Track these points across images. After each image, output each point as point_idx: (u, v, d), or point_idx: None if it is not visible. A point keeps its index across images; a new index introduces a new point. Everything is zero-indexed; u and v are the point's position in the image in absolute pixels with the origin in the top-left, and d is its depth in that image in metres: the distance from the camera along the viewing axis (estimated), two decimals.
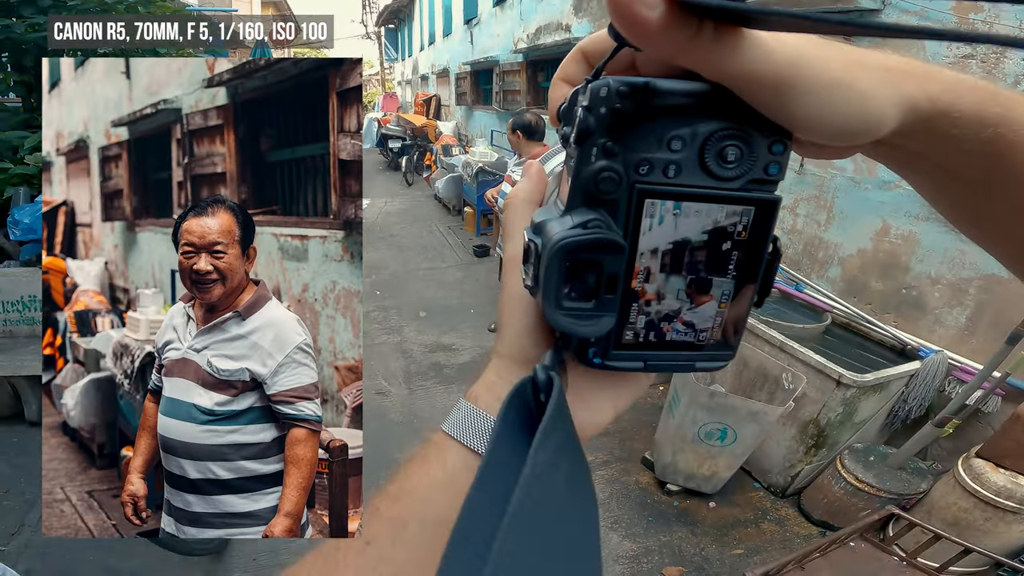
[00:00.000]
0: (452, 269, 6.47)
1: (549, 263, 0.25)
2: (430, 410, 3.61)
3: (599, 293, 0.26)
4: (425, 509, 0.31)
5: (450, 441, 0.32)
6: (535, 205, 0.35)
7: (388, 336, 4.69)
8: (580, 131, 0.25)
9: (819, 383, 2.54)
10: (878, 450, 2.68)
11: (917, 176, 0.30)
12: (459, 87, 13.14)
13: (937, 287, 2.84)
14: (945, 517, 2.27)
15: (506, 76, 9.76)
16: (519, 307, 0.33)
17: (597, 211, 0.25)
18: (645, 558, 2.49)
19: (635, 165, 0.25)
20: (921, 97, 0.23)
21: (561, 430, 0.24)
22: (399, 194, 10.64)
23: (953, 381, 2.66)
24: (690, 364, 0.30)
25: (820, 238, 3.45)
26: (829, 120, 0.23)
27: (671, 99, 0.24)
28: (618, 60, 0.28)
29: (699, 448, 2.62)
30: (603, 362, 0.28)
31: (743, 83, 0.22)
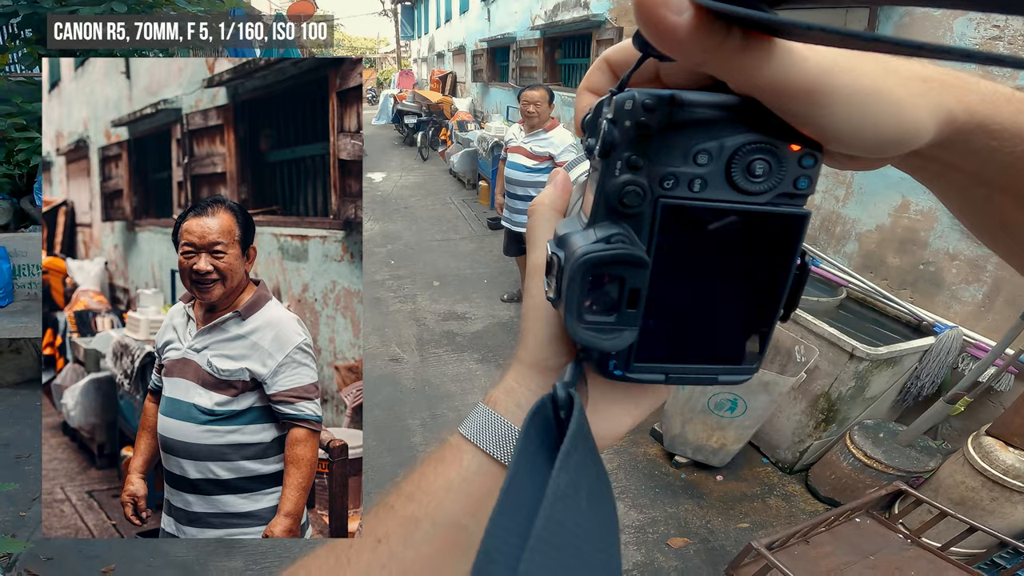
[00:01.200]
0: (465, 241, 6.48)
1: (571, 277, 0.25)
2: (441, 377, 3.67)
3: (621, 307, 0.26)
4: (438, 510, 0.31)
5: (467, 444, 0.33)
6: (559, 213, 0.35)
7: (402, 304, 4.75)
8: (605, 144, 0.25)
9: (832, 356, 2.53)
10: (888, 427, 2.67)
11: (948, 187, 0.29)
12: (475, 64, 13.03)
13: (955, 263, 2.79)
14: (952, 496, 2.26)
15: (523, 53, 9.67)
16: (542, 316, 0.33)
17: (620, 225, 0.25)
18: (651, 528, 2.52)
19: (660, 179, 0.25)
20: (958, 108, 0.23)
21: (582, 448, 0.24)
22: (414, 168, 10.64)
23: (967, 358, 2.62)
24: (712, 378, 0.29)
25: (838, 213, 3.40)
26: (863, 131, 0.22)
27: (697, 112, 0.24)
28: (643, 72, 0.27)
29: (708, 419, 2.62)
30: (624, 374, 0.28)
31: (773, 93, 0.22)
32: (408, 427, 3.15)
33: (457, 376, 3.68)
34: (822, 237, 3.51)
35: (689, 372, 0.29)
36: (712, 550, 2.41)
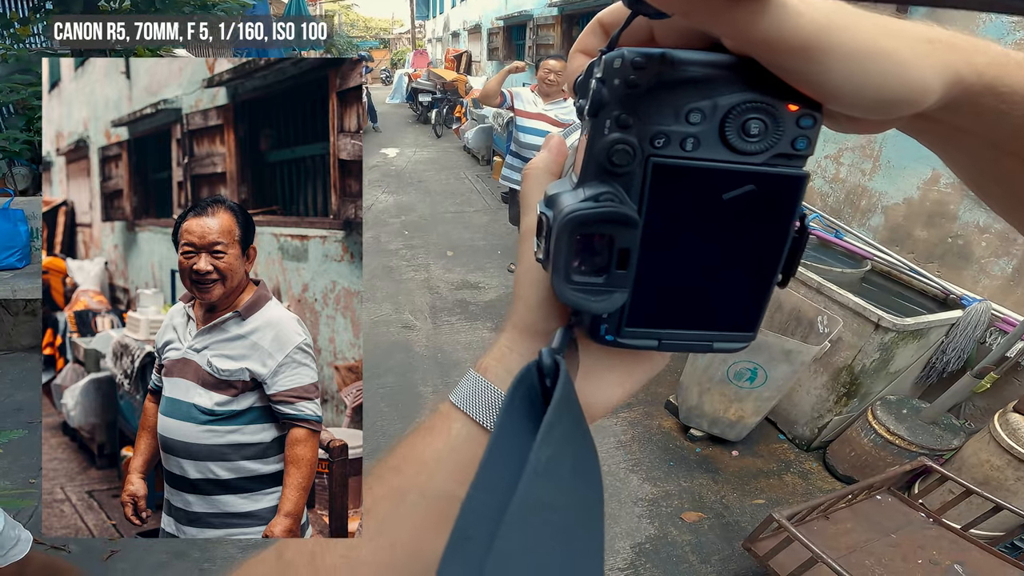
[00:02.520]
0: (479, 213, 6.50)
1: (559, 236, 0.24)
2: (453, 344, 3.69)
3: (610, 268, 0.25)
4: (427, 480, 0.31)
5: (456, 412, 0.32)
6: (553, 176, 0.34)
7: (415, 273, 4.79)
8: (594, 103, 0.24)
9: (856, 326, 2.46)
10: (911, 403, 2.61)
11: (955, 151, 0.28)
12: (491, 43, 12.94)
13: (985, 236, 2.69)
14: (976, 475, 2.21)
15: (540, 30, 9.57)
16: (533, 280, 0.32)
17: (610, 184, 0.25)
18: (664, 502, 2.50)
19: (650, 138, 0.24)
20: (967, 70, 0.22)
21: (567, 419, 0.23)
22: (428, 145, 10.63)
23: (995, 332, 2.54)
24: (707, 344, 0.28)
25: (864, 186, 3.30)
26: (863, 90, 0.21)
27: (690, 70, 0.23)
28: (637, 33, 0.27)
29: (727, 389, 2.57)
30: (615, 339, 0.28)
31: (769, 49, 0.21)
32: (420, 394, 3.15)
33: (470, 344, 3.69)
34: (846, 210, 3.42)
35: (683, 338, 0.28)
36: (726, 525, 2.39)
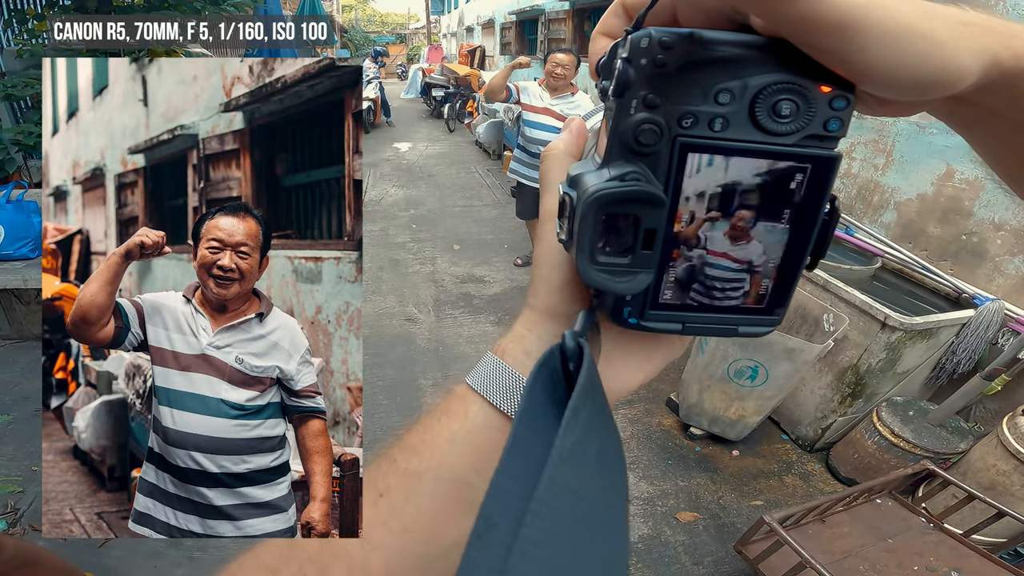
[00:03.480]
0: (488, 207, 6.48)
1: (584, 215, 0.24)
2: (455, 338, 3.67)
3: (636, 248, 0.25)
4: (442, 463, 0.30)
5: (473, 395, 0.32)
6: (574, 158, 0.33)
7: (421, 266, 4.80)
8: (619, 83, 0.24)
9: (863, 325, 2.41)
10: (918, 404, 2.55)
11: (986, 135, 0.28)
12: (504, 37, 12.93)
13: (1000, 233, 2.61)
14: (981, 480, 2.16)
15: (551, 24, 9.55)
16: (554, 261, 0.32)
17: (636, 164, 0.24)
18: (660, 501, 2.46)
19: (678, 118, 0.24)
20: (1005, 53, 0.22)
21: (592, 405, 0.23)
22: (440, 139, 10.65)
23: (1008, 333, 2.47)
24: (732, 328, 0.28)
25: (876, 182, 3.24)
26: (900, 71, 0.21)
27: (719, 50, 0.23)
28: (660, 13, 0.27)
29: (727, 387, 2.52)
30: (639, 322, 0.27)
31: (804, 27, 0.21)
32: (420, 387, 3.14)
33: (472, 338, 3.67)
34: (858, 206, 3.35)
35: (707, 322, 0.28)
36: (722, 526, 2.35)
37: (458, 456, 0.30)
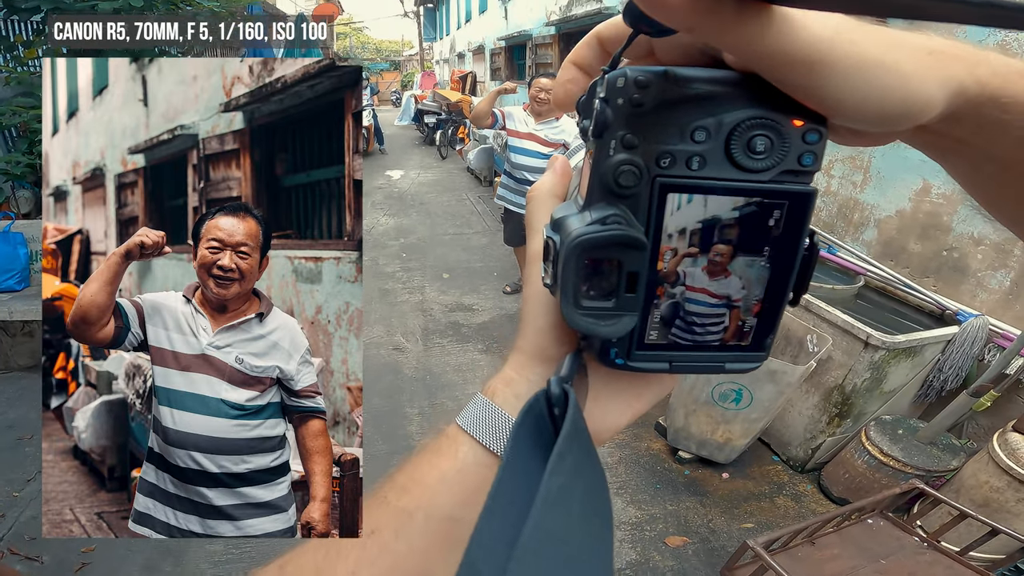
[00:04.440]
0: (478, 235, 6.53)
1: (566, 261, 0.24)
2: (443, 366, 3.65)
3: (619, 292, 0.25)
4: (432, 502, 0.31)
5: (463, 435, 0.32)
6: (559, 199, 0.34)
7: (410, 295, 4.78)
8: (598, 123, 0.24)
9: (846, 345, 2.40)
10: (908, 423, 2.54)
11: (960, 162, 0.28)
12: (494, 63, 13.13)
13: (980, 248, 2.64)
14: (974, 497, 2.14)
15: (539, 49, 9.73)
16: (541, 304, 0.32)
17: (617, 206, 0.24)
18: (648, 525, 2.42)
19: (656, 158, 0.24)
20: (969, 80, 0.22)
21: (577, 449, 0.23)
22: (432, 167, 10.74)
23: (994, 348, 2.48)
24: (719, 366, 0.28)
25: (855, 199, 3.28)
26: (867, 104, 0.21)
27: (693, 87, 0.23)
28: (636, 49, 0.27)
29: (713, 411, 2.50)
30: (626, 363, 0.27)
31: (772, 63, 0.21)
32: (406, 415, 3.12)
33: (460, 366, 3.66)
34: (839, 224, 3.38)
35: (694, 360, 0.28)
36: (712, 550, 2.31)
37: (448, 495, 0.30)
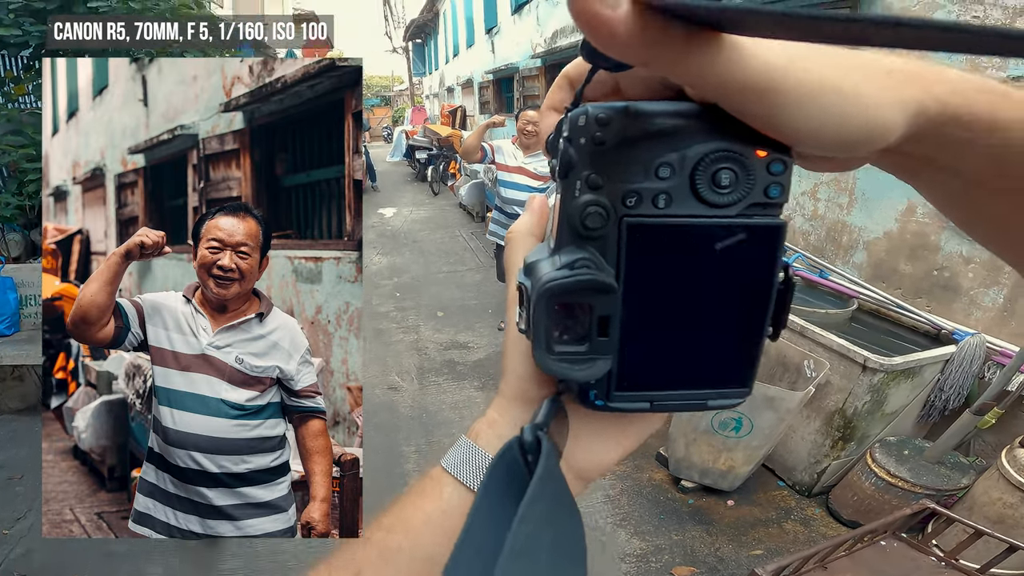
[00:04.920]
0: (472, 272, 6.52)
1: (536, 307, 0.24)
2: (440, 405, 3.64)
3: (592, 336, 0.24)
4: (415, 543, 0.31)
5: (447, 477, 0.32)
6: (537, 239, 0.34)
7: (404, 335, 4.75)
8: (563, 163, 0.24)
9: (843, 369, 2.40)
10: (913, 443, 2.52)
11: (930, 182, 0.27)
12: (482, 96, 13.30)
13: (971, 266, 2.67)
14: (988, 514, 2.11)
15: (526, 81, 9.87)
16: (521, 350, 0.32)
17: (586, 249, 0.24)
18: (654, 557, 2.37)
19: (622, 197, 0.23)
20: (928, 99, 0.21)
21: (549, 496, 0.23)
22: (425, 203, 10.82)
23: (993, 366, 2.48)
24: (701, 403, 0.27)
25: (843, 222, 3.32)
26: (825, 130, 0.21)
27: (656, 122, 0.22)
28: (602, 85, 0.26)
29: (713, 439, 2.48)
30: (606, 404, 0.27)
31: (727, 92, 0.21)
32: (402, 454, 3.11)
33: (456, 404, 3.64)
34: (829, 248, 3.41)
35: (675, 398, 0.27)
36: None
37: (432, 536, 0.31)
